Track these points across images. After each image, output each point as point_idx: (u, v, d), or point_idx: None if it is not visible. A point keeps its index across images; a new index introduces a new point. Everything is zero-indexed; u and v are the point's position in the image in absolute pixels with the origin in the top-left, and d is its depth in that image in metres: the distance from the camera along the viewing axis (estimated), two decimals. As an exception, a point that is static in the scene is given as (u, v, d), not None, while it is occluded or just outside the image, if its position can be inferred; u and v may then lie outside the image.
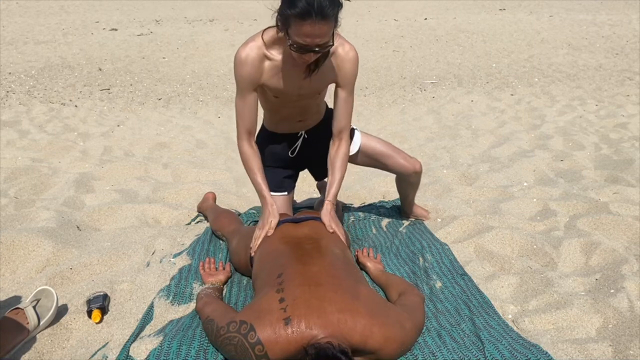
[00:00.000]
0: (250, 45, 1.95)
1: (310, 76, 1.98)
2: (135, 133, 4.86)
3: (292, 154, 2.37)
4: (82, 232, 2.59)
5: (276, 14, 1.83)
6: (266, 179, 2.16)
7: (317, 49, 1.80)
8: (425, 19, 13.60)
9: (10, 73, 7.47)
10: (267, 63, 1.97)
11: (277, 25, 1.86)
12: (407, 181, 2.49)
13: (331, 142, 2.20)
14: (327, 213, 2.07)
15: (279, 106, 2.19)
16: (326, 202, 2.11)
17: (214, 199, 2.95)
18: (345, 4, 1.83)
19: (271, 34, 1.94)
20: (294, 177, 2.47)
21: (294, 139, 2.35)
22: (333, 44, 1.84)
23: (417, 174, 2.44)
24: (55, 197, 3.02)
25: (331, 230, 2.01)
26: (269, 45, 1.95)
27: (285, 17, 1.76)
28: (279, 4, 1.82)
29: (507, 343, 1.62)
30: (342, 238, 2.00)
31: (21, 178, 3.34)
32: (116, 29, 11.68)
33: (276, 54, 1.97)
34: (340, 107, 2.13)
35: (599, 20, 12.53)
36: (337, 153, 2.18)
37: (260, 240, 1.97)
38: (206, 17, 14.16)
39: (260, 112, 2.21)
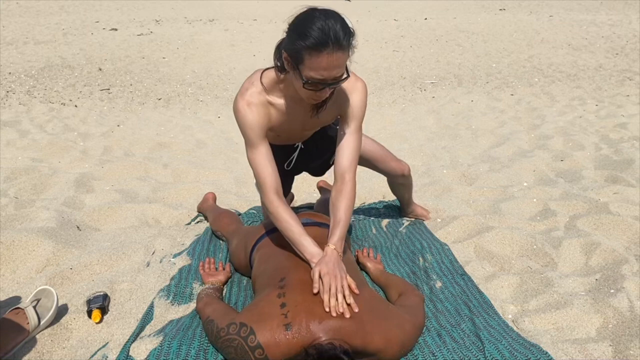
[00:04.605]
0: (251, 91, 1.77)
1: (318, 114, 1.83)
2: (135, 133, 4.86)
3: (287, 167, 2.22)
4: (82, 232, 2.59)
5: (280, 54, 1.67)
6: None
7: (333, 83, 1.63)
8: (425, 19, 13.60)
9: (10, 73, 7.47)
10: (271, 109, 1.80)
11: (278, 67, 1.71)
12: (396, 183, 2.52)
13: (333, 185, 1.89)
14: (329, 262, 1.64)
15: (279, 136, 1.98)
16: (327, 247, 1.72)
17: (214, 199, 2.95)
18: (345, 4, 1.73)
19: (270, 77, 1.77)
20: (290, 182, 2.42)
21: (290, 150, 2.20)
22: (348, 75, 1.67)
23: (405, 177, 2.46)
24: (55, 197, 3.02)
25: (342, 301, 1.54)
26: (269, 90, 1.78)
27: (297, 52, 1.57)
28: (284, 41, 1.65)
29: (507, 343, 1.62)
30: (353, 287, 1.60)
31: (21, 178, 3.34)
32: (116, 29, 11.68)
33: (277, 98, 1.79)
34: (345, 145, 1.85)
35: (599, 20, 12.52)
36: (340, 194, 1.84)
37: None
38: (206, 17, 14.16)
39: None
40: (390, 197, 3.17)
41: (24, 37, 10.50)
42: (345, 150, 1.85)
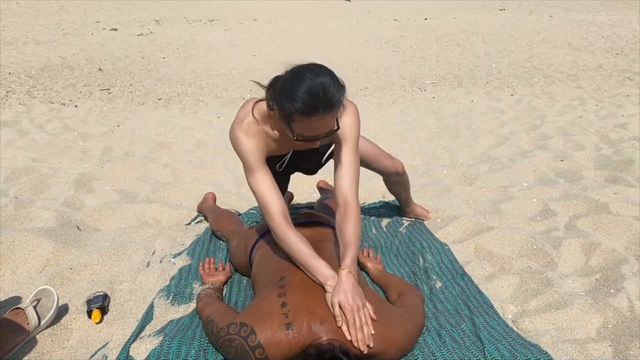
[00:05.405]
0: (247, 121, 1.78)
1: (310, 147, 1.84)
2: (135, 133, 4.86)
3: (279, 168, 2.19)
4: (82, 232, 2.59)
5: (272, 98, 1.65)
6: None
7: (324, 136, 1.65)
8: (425, 19, 13.60)
9: (10, 73, 7.47)
10: (266, 138, 1.81)
11: (269, 105, 1.70)
12: (391, 180, 2.53)
13: (337, 209, 1.83)
14: (347, 291, 1.55)
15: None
16: (342, 271, 1.63)
17: (214, 199, 2.95)
18: (345, 4, 1.72)
19: (262, 110, 1.77)
20: (285, 182, 2.41)
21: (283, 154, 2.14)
22: (339, 127, 1.69)
23: (399, 174, 2.46)
24: (55, 197, 3.02)
25: (359, 336, 1.49)
26: (261, 121, 1.78)
27: (288, 113, 1.57)
28: (273, 89, 1.64)
29: (507, 343, 1.62)
30: (372, 313, 1.55)
31: (21, 178, 3.34)
32: (116, 29, 11.68)
33: (270, 130, 1.80)
34: (344, 168, 1.82)
35: (599, 20, 12.53)
36: (345, 217, 1.77)
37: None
38: (206, 17, 14.16)
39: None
40: (390, 197, 3.17)
41: (24, 37, 10.50)
42: (345, 174, 1.82)
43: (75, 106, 5.84)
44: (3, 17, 13.15)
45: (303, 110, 1.54)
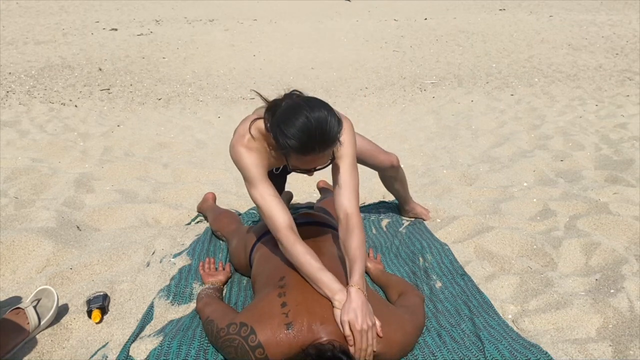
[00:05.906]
0: (247, 137, 1.77)
1: None
2: (135, 133, 4.86)
3: (276, 171, 2.19)
4: (82, 232, 2.59)
5: (270, 123, 1.64)
6: None
7: (320, 168, 1.66)
8: (425, 19, 13.60)
9: (10, 73, 7.47)
10: (266, 153, 1.80)
11: (266, 127, 1.69)
12: (387, 175, 2.52)
13: (339, 225, 1.80)
14: (357, 309, 1.52)
15: None
16: (351, 288, 1.59)
17: (214, 199, 2.95)
18: (345, 4, 1.69)
19: (259, 128, 1.76)
20: (283, 183, 2.42)
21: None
22: (335, 158, 1.70)
23: (395, 168, 2.46)
24: (55, 197, 3.02)
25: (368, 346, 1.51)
26: (259, 140, 1.78)
27: (284, 147, 1.56)
28: (271, 116, 1.62)
29: (507, 343, 1.62)
30: (379, 330, 1.54)
31: (21, 178, 3.34)
32: (116, 29, 11.68)
33: (268, 147, 1.79)
34: (343, 184, 1.80)
35: (599, 21, 12.52)
36: (348, 232, 1.74)
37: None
38: (206, 17, 14.15)
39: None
40: (390, 197, 3.17)
41: (24, 37, 10.50)
42: (344, 189, 1.79)
43: (75, 106, 5.84)
44: (3, 17, 13.15)
45: (299, 149, 1.53)
